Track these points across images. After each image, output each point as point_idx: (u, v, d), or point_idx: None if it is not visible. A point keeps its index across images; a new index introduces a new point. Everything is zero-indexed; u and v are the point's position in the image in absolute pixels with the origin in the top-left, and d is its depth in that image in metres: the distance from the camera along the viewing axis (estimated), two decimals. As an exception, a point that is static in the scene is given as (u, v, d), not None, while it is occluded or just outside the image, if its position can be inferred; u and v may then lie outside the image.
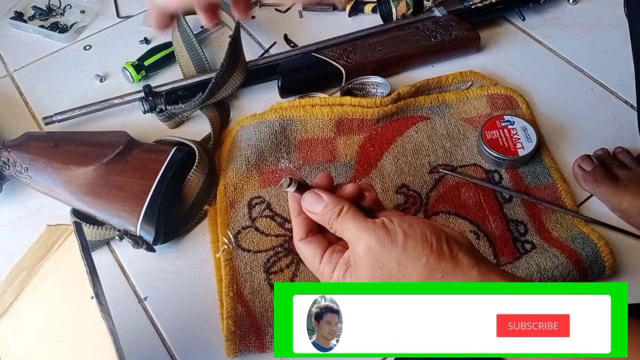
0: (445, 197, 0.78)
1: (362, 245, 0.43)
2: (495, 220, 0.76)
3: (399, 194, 0.80)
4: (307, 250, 0.49)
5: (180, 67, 0.98)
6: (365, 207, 0.50)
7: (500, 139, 0.81)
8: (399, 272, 0.42)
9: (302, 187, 0.49)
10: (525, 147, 0.80)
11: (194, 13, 0.56)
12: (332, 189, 0.49)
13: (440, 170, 0.81)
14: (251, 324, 0.68)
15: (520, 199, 0.77)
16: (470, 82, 0.91)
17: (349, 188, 0.49)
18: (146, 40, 1.04)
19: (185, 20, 0.92)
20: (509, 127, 0.82)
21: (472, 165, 0.82)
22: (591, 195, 0.80)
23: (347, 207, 0.46)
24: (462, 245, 0.43)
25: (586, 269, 0.69)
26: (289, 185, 0.48)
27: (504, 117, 0.83)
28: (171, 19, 0.59)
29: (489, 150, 0.80)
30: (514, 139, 0.81)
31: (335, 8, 1.06)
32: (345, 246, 0.47)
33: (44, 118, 0.90)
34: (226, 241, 0.69)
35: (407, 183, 0.81)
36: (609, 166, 0.79)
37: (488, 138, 0.81)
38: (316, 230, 0.50)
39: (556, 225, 0.75)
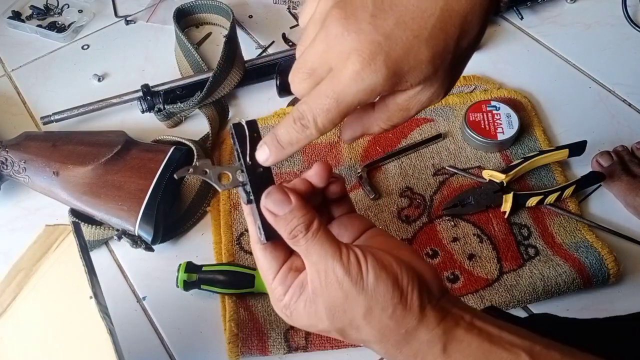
0: (449, 200, 0.78)
1: (333, 277, 0.37)
2: (499, 223, 0.76)
3: (404, 197, 0.80)
4: (262, 259, 0.41)
5: (178, 67, 0.98)
6: (333, 198, 0.43)
7: (482, 121, 0.83)
8: (364, 319, 0.37)
9: (262, 179, 0.40)
10: (506, 132, 0.82)
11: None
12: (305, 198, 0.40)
13: (447, 168, 0.81)
14: (253, 327, 0.68)
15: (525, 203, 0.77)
16: (473, 86, 0.91)
17: (315, 169, 0.41)
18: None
19: (181, 29, 0.92)
20: (494, 112, 0.84)
21: (476, 167, 0.82)
22: (591, 193, 0.80)
23: (318, 223, 0.38)
24: (433, 295, 0.38)
25: (590, 277, 0.69)
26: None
27: (491, 102, 0.85)
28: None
29: (469, 132, 0.82)
30: (496, 124, 0.82)
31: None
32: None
33: (41, 118, 0.90)
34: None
35: (411, 186, 0.81)
36: (627, 163, 0.80)
37: (471, 119, 0.83)
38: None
39: (560, 229, 0.75)
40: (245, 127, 0.41)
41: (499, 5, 0.35)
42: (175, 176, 0.41)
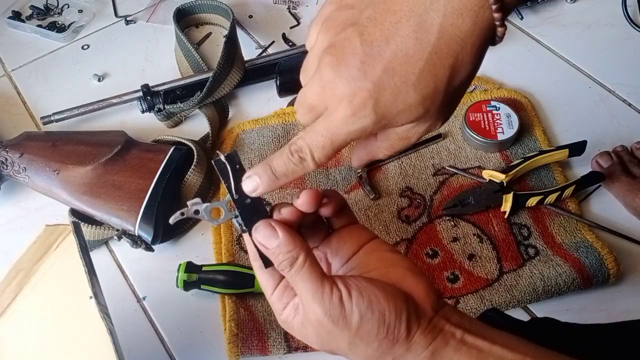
0: (449, 200, 0.78)
1: (313, 316, 0.38)
2: (499, 223, 0.76)
3: (404, 197, 0.80)
4: (261, 276, 0.43)
5: (178, 67, 0.98)
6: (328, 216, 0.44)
7: (482, 121, 0.83)
8: (349, 349, 0.39)
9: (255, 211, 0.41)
10: (506, 132, 0.82)
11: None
12: (296, 225, 0.42)
13: (447, 168, 0.82)
14: (254, 327, 0.68)
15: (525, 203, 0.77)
16: (473, 86, 0.91)
17: (302, 199, 0.41)
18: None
19: (181, 29, 0.92)
20: (494, 112, 0.84)
21: (476, 167, 0.82)
22: (591, 193, 0.80)
23: (302, 260, 0.39)
24: (425, 316, 0.39)
25: (590, 277, 0.69)
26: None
27: (491, 102, 0.85)
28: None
29: (469, 132, 0.82)
30: (496, 124, 0.83)
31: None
32: None
33: (42, 118, 0.90)
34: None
35: (411, 186, 0.81)
36: (627, 164, 0.80)
37: (471, 119, 0.83)
38: None
39: (560, 229, 0.75)
40: (226, 162, 0.41)
41: (494, 38, 0.35)
42: (170, 222, 0.42)
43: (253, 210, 0.41)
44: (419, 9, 0.33)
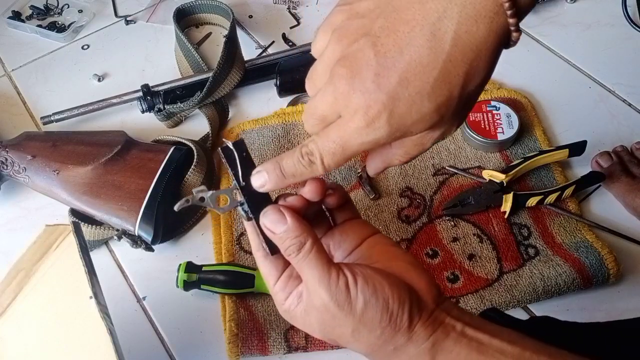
0: (449, 200, 0.78)
1: (319, 301, 0.39)
2: (499, 223, 0.76)
3: (403, 197, 0.80)
4: (264, 266, 0.43)
5: (178, 67, 0.98)
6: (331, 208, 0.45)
7: (482, 121, 0.83)
8: (352, 336, 0.39)
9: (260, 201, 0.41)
10: (506, 132, 0.82)
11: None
12: (302, 213, 0.42)
13: (447, 168, 0.82)
14: (254, 327, 0.68)
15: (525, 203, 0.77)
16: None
17: (308, 187, 0.42)
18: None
19: (181, 29, 0.92)
20: (494, 112, 0.84)
21: (476, 167, 0.82)
22: (591, 193, 0.80)
23: (310, 245, 0.39)
24: (426, 308, 0.39)
25: (590, 277, 0.69)
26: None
27: (491, 102, 0.85)
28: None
29: (469, 132, 0.82)
30: (496, 124, 0.83)
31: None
32: None
33: (42, 118, 0.90)
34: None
35: (411, 186, 0.81)
36: (627, 164, 0.80)
37: (471, 119, 0.83)
38: None
39: (560, 229, 0.75)
40: (233, 149, 0.41)
41: (508, 42, 0.34)
42: (175, 209, 0.42)
43: (259, 198, 0.41)
44: (432, 17, 0.33)
